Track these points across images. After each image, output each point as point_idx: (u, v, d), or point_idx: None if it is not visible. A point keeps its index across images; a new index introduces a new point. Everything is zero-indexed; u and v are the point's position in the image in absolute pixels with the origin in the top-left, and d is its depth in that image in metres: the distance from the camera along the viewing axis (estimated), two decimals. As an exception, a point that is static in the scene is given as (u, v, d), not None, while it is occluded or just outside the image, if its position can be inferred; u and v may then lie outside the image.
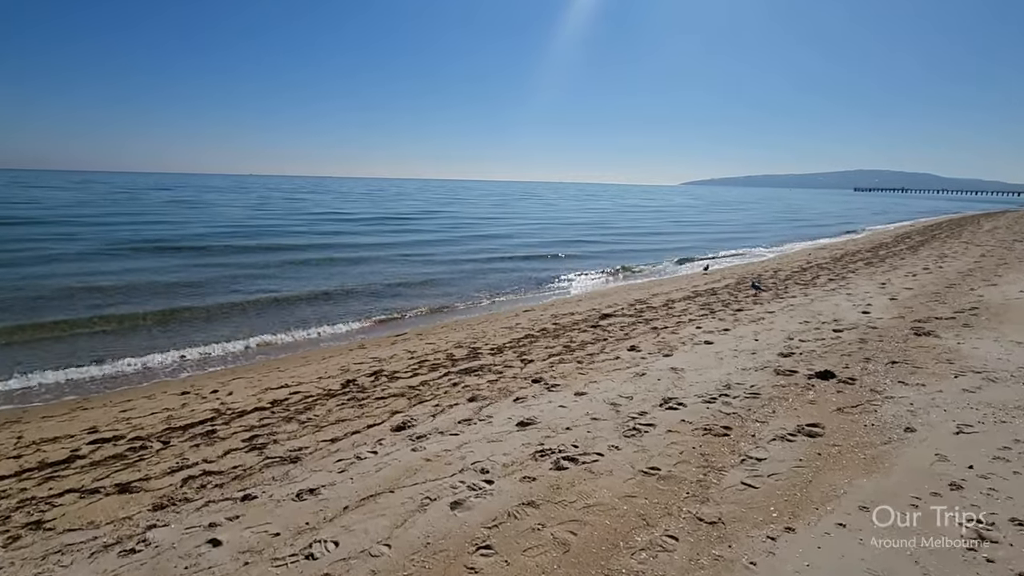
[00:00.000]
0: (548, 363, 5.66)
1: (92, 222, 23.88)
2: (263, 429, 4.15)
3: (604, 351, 6.05)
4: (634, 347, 6.11)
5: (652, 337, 6.58)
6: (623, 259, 17.76)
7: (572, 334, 7.11)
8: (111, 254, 15.62)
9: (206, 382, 5.97)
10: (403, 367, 5.88)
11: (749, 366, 5.09)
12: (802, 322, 6.94)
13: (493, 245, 20.25)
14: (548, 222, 32.27)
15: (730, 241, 24.11)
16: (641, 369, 5.19)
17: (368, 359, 6.44)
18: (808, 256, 17.33)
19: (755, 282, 10.65)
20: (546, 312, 9.25)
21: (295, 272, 13.81)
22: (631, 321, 7.75)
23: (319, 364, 6.43)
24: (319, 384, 5.42)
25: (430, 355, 6.41)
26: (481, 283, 13.09)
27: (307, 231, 23.28)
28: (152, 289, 11.19)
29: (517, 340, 6.96)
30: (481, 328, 8.17)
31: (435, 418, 4.19)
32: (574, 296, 11.77)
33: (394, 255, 17.04)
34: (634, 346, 6.15)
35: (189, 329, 8.53)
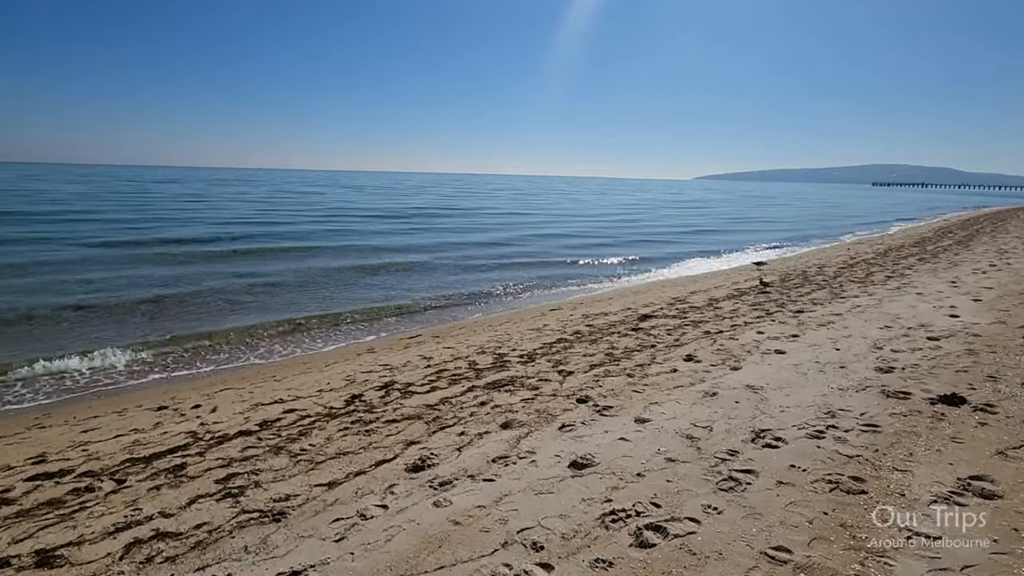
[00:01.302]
0: (592, 376, 4.72)
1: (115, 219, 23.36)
2: (244, 464, 3.27)
3: (656, 361, 5.10)
4: (691, 356, 5.15)
5: (708, 344, 5.62)
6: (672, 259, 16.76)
7: (612, 338, 6.16)
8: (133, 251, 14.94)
9: (190, 394, 5.13)
10: (419, 378, 4.99)
11: (845, 385, 4.11)
12: (883, 327, 5.93)
13: (569, 243, 18.98)
14: (587, 217, 31.28)
15: (749, 233, 22.98)
16: (709, 386, 4.24)
17: (378, 367, 5.56)
18: (848, 250, 16.19)
19: (761, 279, 9.72)
20: (575, 312, 8.31)
21: (347, 280, 12.28)
22: (676, 323, 6.78)
23: (321, 372, 5.56)
24: (319, 399, 4.54)
25: (449, 363, 5.51)
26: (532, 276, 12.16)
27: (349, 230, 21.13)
28: (137, 284, 10.42)
29: (548, 345, 6.03)
30: (504, 330, 7.26)
31: (461, 453, 3.28)
32: (602, 293, 10.80)
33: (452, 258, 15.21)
34: (691, 355, 5.19)
35: (176, 325, 7.72)
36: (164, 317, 8.17)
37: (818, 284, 9.34)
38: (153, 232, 17.76)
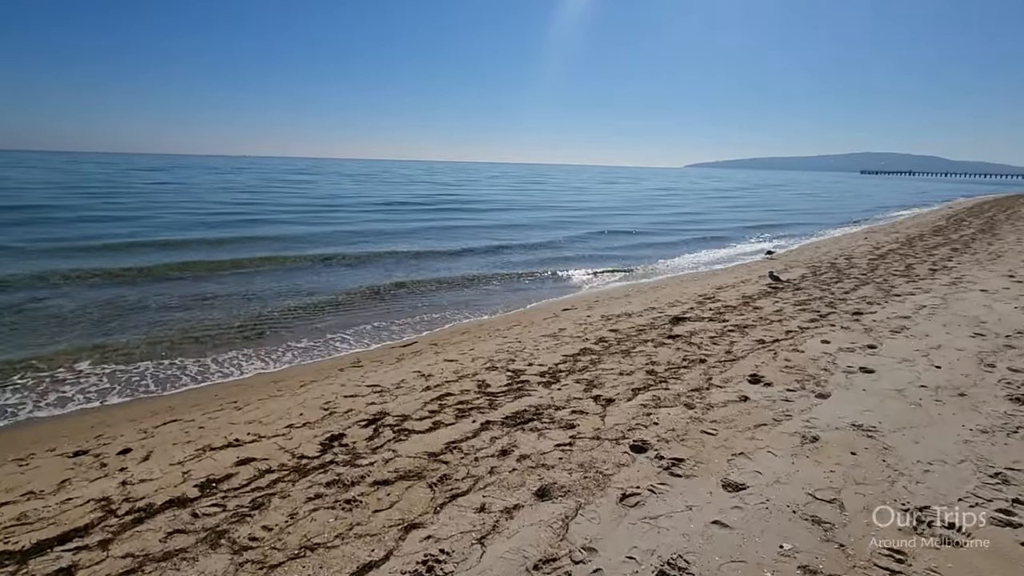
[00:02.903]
0: (639, 406, 3.69)
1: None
2: (161, 570, 2.20)
3: (713, 383, 4.08)
4: (757, 377, 4.14)
5: (769, 358, 4.61)
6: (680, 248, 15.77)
7: (646, 348, 5.14)
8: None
9: (124, 429, 4.02)
10: (416, 407, 3.92)
11: (986, 424, 3.11)
12: (973, 335, 4.97)
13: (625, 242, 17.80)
14: (589, 207, 30.22)
15: (765, 226, 22.11)
16: (801, 426, 3.22)
17: (365, 388, 4.48)
18: (865, 239, 15.30)
19: (772, 272, 8.80)
20: (592, 312, 7.27)
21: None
22: (718, 328, 5.76)
23: (294, 396, 4.47)
24: (287, 441, 3.46)
25: (453, 383, 4.44)
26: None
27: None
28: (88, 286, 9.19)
29: (572, 358, 4.99)
30: (515, 335, 6.20)
31: (485, 549, 2.23)
32: (615, 289, 9.77)
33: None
34: (756, 375, 4.17)
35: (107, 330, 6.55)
36: (95, 321, 6.99)
37: (857, 279, 8.38)
38: (106, 228, 16.18)
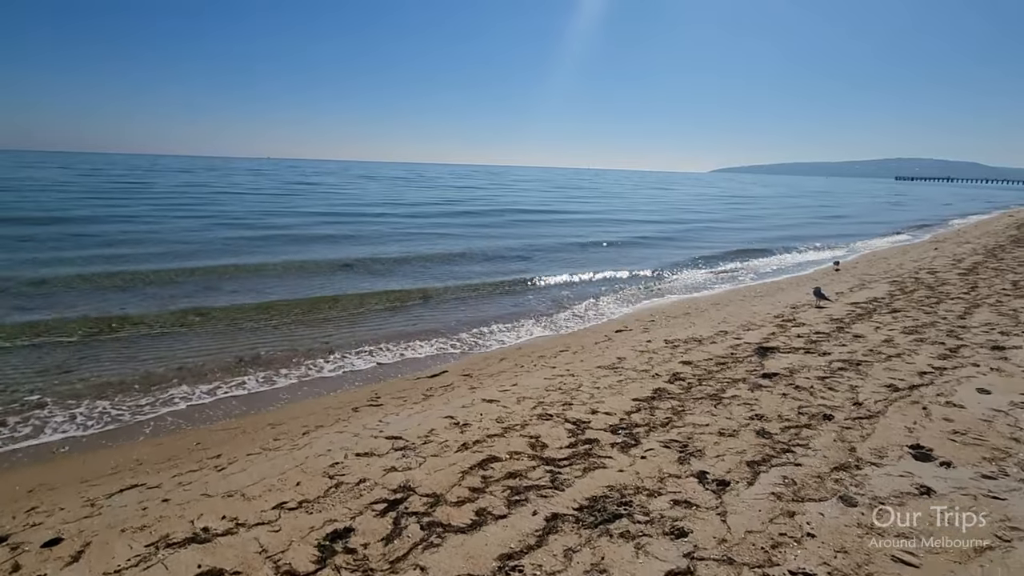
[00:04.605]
0: (768, 496, 2.58)
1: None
2: None
3: (860, 456, 2.93)
4: (920, 449, 2.98)
5: (920, 415, 3.44)
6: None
7: (739, 391, 4.01)
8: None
9: (65, 497, 3.08)
10: (450, 480, 2.88)
11: None
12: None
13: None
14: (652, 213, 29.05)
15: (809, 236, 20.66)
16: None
17: (383, 442, 3.46)
18: (935, 249, 13.82)
19: (818, 289, 7.55)
20: (651, 335, 6.16)
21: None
22: (822, 364, 4.59)
23: (293, 452, 3.47)
24: (271, 535, 2.45)
25: (497, 439, 3.39)
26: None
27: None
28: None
29: (646, 402, 3.90)
30: (564, 365, 5.14)
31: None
32: (671, 305, 8.62)
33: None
34: (918, 446, 3.02)
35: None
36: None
37: (962, 299, 7.08)
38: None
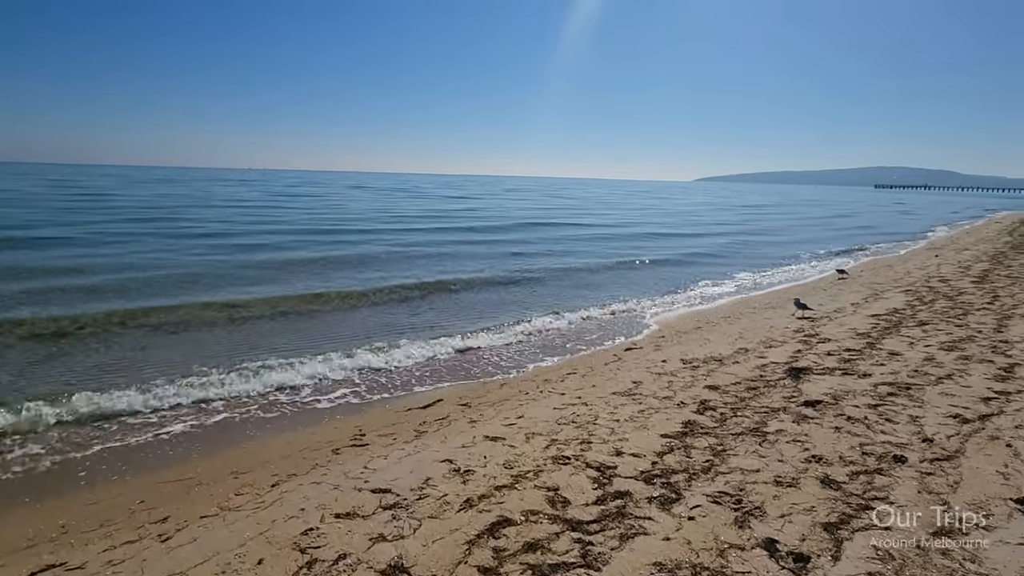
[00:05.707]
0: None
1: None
2: None
3: (956, 513, 2.40)
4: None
5: (1009, 455, 2.92)
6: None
7: (783, 424, 3.47)
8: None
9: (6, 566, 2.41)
10: (453, 554, 2.27)
11: None
12: None
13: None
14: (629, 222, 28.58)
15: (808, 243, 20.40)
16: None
17: (368, 497, 2.83)
18: (936, 257, 13.55)
19: (798, 300, 7.39)
20: (664, 353, 5.61)
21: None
22: (867, 389, 4.07)
23: (256, 513, 2.82)
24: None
25: (508, 490, 2.80)
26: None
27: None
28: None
29: (678, 439, 3.33)
30: (574, 391, 4.56)
31: None
32: (679, 319, 8.08)
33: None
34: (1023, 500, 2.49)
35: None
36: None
37: (989, 310, 6.68)
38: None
